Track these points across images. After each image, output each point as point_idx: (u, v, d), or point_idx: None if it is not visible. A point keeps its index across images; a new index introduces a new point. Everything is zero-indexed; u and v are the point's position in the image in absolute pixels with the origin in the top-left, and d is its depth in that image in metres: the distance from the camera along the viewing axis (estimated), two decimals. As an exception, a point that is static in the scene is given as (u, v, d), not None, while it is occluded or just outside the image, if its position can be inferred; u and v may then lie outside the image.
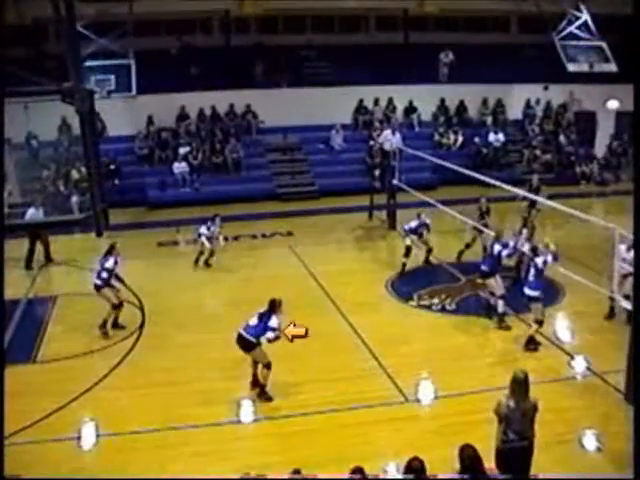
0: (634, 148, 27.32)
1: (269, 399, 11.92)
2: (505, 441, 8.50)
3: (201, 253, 19.44)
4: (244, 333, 11.85)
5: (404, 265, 18.57)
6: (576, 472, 9.55)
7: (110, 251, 15.12)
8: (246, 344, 11.87)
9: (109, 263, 14.87)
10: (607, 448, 10.25)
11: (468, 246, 19.13)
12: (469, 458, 7.36)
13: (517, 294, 14.58)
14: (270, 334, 11.75)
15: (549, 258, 13.67)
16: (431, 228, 18.84)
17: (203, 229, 19.25)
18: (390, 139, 24.19)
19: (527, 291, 13.72)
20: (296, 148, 29.91)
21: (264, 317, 11.86)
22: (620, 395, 11.63)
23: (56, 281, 19.76)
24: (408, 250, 18.52)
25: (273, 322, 11.78)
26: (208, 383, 12.56)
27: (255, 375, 12.22)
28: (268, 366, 11.89)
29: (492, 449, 8.47)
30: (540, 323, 13.68)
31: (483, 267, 15.35)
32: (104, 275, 14.80)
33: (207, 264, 19.38)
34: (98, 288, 14.84)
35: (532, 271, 13.76)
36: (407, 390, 12.25)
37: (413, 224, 18.58)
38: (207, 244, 19.23)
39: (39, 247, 20.11)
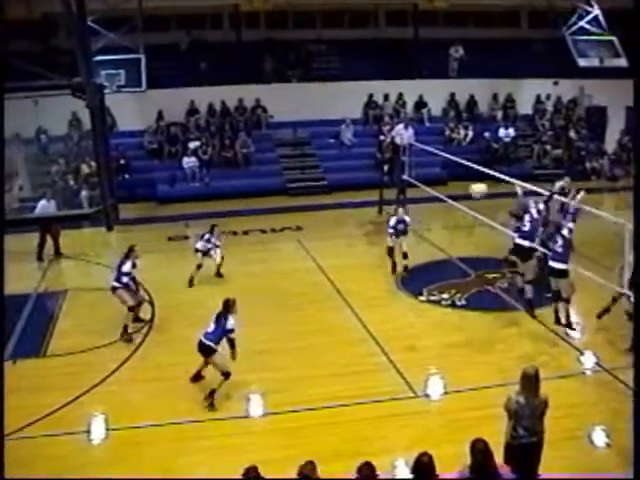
0: (634, 145, 27.26)
1: (212, 406, 11.62)
2: (514, 437, 8.48)
3: (198, 268, 17.73)
4: (204, 339, 11.76)
5: (394, 264, 18.06)
6: (585, 468, 9.55)
7: (128, 254, 14.74)
8: (206, 350, 11.77)
9: (126, 267, 14.51)
10: (616, 444, 10.23)
11: None
12: (480, 452, 7.33)
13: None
14: (231, 335, 11.76)
15: (570, 225, 13.57)
16: (409, 225, 18.27)
17: (200, 244, 17.76)
18: (402, 133, 24.15)
19: (554, 264, 13.49)
20: (306, 143, 29.95)
21: (221, 319, 11.79)
22: (630, 391, 11.59)
23: (66, 275, 19.84)
24: (390, 250, 18.07)
25: (230, 323, 11.74)
26: (217, 377, 12.55)
27: (200, 371, 12.24)
28: (226, 375, 11.69)
29: (501, 445, 8.44)
30: (567, 301, 13.76)
31: (520, 241, 14.61)
32: (124, 280, 14.47)
33: (219, 275, 18.12)
34: (114, 289, 14.52)
35: (559, 241, 13.49)
36: (416, 385, 12.24)
37: (392, 222, 18.09)
38: (201, 259, 17.71)
39: (49, 240, 20.14)
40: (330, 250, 20.22)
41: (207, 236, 17.79)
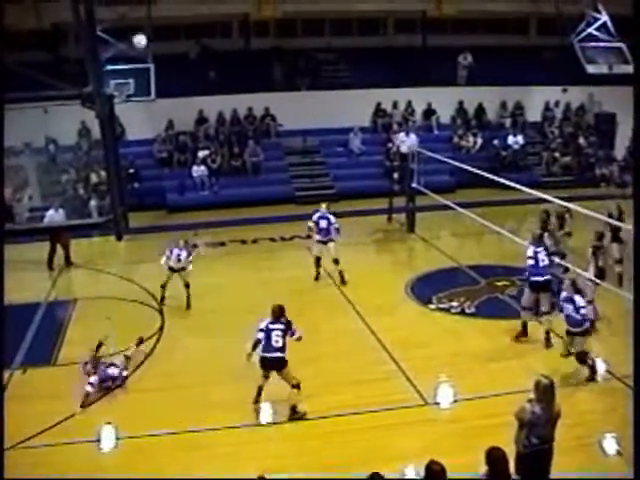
0: (635, 150, 27.16)
1: (304, 414, 11.62)
2: (527, 446, 8.44)
3: (162, 287, 16.71)
4: (278, 354, 11.52)
5: (318, 275, 18.40)
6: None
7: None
8: (276, 363, 11.57)
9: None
10: (627, 452, 10.16)
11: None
12: (498, 460, 7.32)
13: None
14: (297, 334, 11.80)
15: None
16: (334, 225, 18.37)
17: (173, 261, 16.48)
18: (404, 140, 24.14)
19: (572, 329, 12.75)
20: (315, 151, 29.94)
21: (284, 328, 11.66)
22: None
23: (76, 284, 19.85)
24: (317, 260, 18.35)
25: (294, 329, 11.79)
26: (226, 386, 12.55)
27: (261, 388, 11.88)
28: (297, 386, 11.60)
29: (512, 453, 8.41)
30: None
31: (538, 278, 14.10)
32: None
33: (189, 306, 16.73)
34: None
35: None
36: (426, 393, 12.22)
37: (314, 216, 18.33)
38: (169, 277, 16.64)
39: (59, 250, 20.19)
40: (339, 258, 20.18)
41: (177, 250, 16.50)
